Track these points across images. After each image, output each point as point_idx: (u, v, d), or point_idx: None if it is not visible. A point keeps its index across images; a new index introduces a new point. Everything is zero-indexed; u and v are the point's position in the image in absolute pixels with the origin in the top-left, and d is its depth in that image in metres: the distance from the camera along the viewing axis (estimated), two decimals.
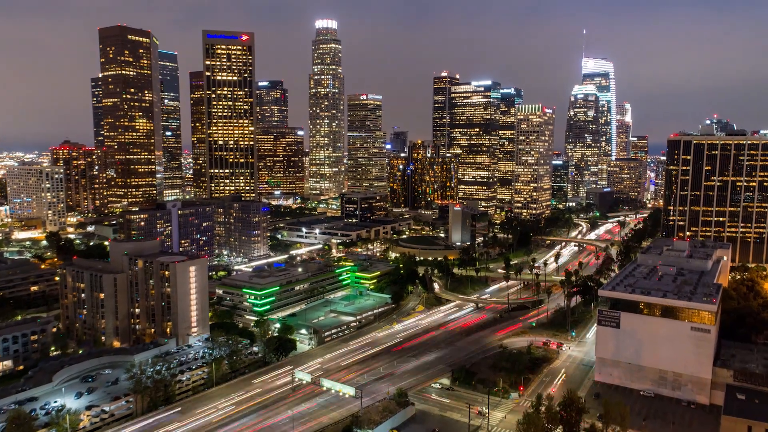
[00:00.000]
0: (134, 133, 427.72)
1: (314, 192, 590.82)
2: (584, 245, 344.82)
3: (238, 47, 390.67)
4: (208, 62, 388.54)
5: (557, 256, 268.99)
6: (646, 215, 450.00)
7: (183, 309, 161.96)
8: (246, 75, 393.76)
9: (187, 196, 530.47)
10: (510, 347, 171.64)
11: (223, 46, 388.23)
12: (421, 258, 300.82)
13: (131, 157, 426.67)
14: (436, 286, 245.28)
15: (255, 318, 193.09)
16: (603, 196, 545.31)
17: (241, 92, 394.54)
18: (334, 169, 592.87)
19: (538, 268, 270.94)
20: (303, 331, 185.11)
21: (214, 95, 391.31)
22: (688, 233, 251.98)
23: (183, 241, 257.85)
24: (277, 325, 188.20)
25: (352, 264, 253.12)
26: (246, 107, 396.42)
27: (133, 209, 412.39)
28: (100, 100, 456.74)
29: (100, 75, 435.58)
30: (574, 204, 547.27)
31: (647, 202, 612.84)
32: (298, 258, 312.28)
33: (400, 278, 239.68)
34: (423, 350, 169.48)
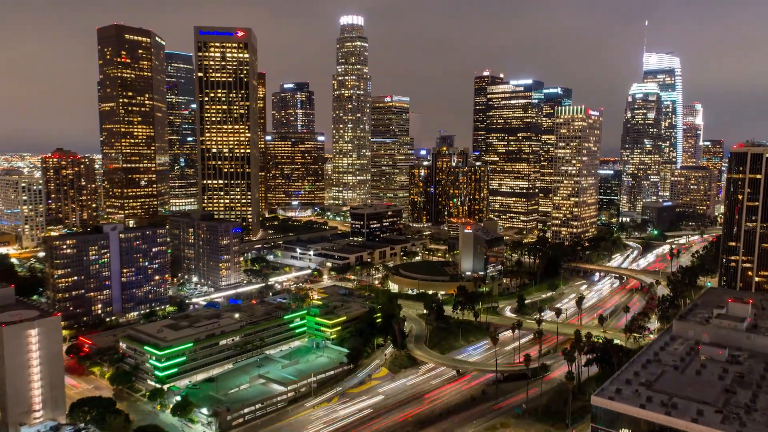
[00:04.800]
0: (132, 140, 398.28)
1: (336, 203, 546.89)
2: (626, 277, 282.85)
3: (234, 44, 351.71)
4: (200, 62, 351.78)
5: (580, 299, 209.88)
6: (712, 237, 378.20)
7: (17, 387, 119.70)
8: (242, 75, 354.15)
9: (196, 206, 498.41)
10: None
11: (217, 44, 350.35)
12: (422, 290, 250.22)
13: (128, 165, 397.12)
14: (419, 334, 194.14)
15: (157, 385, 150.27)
16: (662, 210, 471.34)
17: (236, 95, 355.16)
18: (358, 178, 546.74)
19: (555, 310, 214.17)
20: (205, 410, 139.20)
21: (207, 98, 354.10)
22: (756, 278, 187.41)
23: (126, 270, 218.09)
24: (178, 398, 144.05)
25: (321, 303, 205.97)
26: (242, 111, 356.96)
27: (130, 223, 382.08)
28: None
29: (99, 77, 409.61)
30: (628, 220, 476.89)
31: (719, 217, 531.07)
32: (278, 286, 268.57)
33: (371, 326, 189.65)
34: None
